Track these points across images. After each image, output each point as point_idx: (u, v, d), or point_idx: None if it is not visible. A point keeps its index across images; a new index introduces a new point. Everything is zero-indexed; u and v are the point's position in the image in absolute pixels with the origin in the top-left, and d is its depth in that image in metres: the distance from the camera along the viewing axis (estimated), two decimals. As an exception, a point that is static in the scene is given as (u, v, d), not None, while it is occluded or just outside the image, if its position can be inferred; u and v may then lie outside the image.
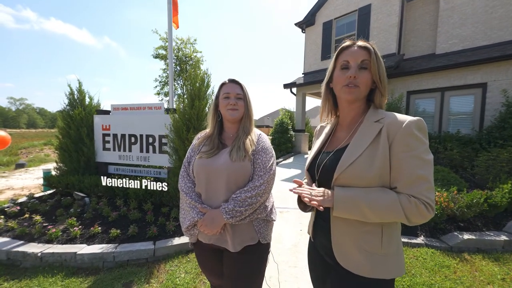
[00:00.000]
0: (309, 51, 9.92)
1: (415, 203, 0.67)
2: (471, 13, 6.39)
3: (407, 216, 0.69)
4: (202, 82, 3.44)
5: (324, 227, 0.88)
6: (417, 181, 0.68)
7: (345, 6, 8.61)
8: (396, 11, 7.43)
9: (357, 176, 0.75)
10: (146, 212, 3.02)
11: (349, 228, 0.80)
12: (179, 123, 3.32)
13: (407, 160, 0.70)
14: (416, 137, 0.70)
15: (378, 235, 0.76)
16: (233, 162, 1.07)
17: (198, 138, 1.26)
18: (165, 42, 13.52)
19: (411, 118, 0.72)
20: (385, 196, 0.70)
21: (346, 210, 0.75)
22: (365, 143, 0.76)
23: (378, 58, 0.80)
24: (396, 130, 0.72)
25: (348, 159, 0.77)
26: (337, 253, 0.82)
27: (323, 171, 0.87)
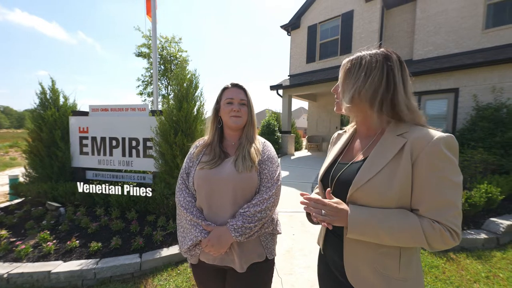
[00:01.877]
0: (295, 54, 10.05)
1: (440, 230, 0.61)
2: (444, 23, 6.84)
3: (429, 243, 0.63)
4: (190, 83, 3.31)
5: (336, 244, 0.83)
6: (443, 205, 0.62)
7: (329, 11, 8.84)
8: (376, 18, 7.76)
9: (375, 194, 0.69)
10: (131, 221, 2.82)
11: (363, 249, 0.74)
12: (166, 126, 3.15)
13: (433, 182, 0.63)
14: (445, 156, 0.63)
15: (396, 258, 0.71)
16: (239, 173, 0.98)
17: (196, 146, 1.15)
18: (148, 40, 13.01)
19: (440, 134, 0.65)
20: (406, 221, 0.64)
21: (361, 233, 0.69)
22: (385, 158, 0.70)
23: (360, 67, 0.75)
24: (422, 147, 0.65)
25: (366, 175, 0.71)
26: (349, 274, 0.77)
27: (337, 184, 0.81)
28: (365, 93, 0.73)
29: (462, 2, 6.53)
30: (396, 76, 0.72)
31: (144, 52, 13.16)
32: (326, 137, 10.30)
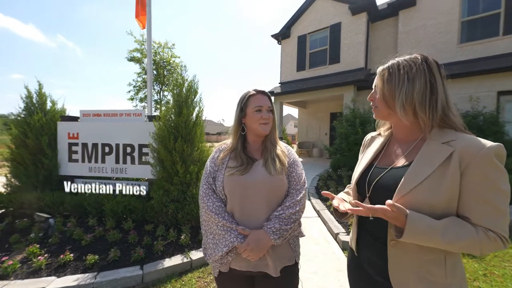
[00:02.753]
0: (285, 62, 10.31)
1: (494, 238, 0.64)
2: (424, 37, 7.37)
3: (482, 250, 0.66)
4: (190, 88, 3.27)
5: (377, 248, 0.83)
6: (496, 215, 0.65)
7: (318, 22, 9.22)
8: (363, 30, 8.20)
9: (422, 201, 0.70)
10: (127, 231, 2.68)
11: (410, 257, 0.74)
12: (164, 132, 3.08)
13: (485, 192, 0.65)
14: (496, 166, 0.65)
15: (442, 264, 0.72)
16: (272, 176, 0.99)
17: (220, 150, 1.13)
18: (141, 45, 12.79)
19: (490, 144, 0.66)
20: (465, 231, 0.66)
21: (417, 239, 0.68)
22: (431, 166, 0.71)
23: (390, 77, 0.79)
24: (472, 157, 0.66)
25: (411, 183, 0.72)
26: (395, 282, 0.77)
27: (376, 189, 0.82)
28: (412, 97, 0.74)
29: (439, 19, 7.09)
30: (437, 79, 0.75)
31: (136, 56, 12.90)
32: (316, 143, 10.51)
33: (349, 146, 5.96)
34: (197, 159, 3.20)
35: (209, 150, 3.39)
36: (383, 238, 0.80)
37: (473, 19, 6.71)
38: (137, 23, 4.48)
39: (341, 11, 8.58)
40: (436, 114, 0.75)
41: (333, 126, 7.97)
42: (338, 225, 3.12)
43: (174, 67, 13.56)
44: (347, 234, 2.91)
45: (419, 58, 0.77)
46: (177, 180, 2.98)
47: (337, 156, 6.23)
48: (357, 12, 8.19)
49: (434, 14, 7.15)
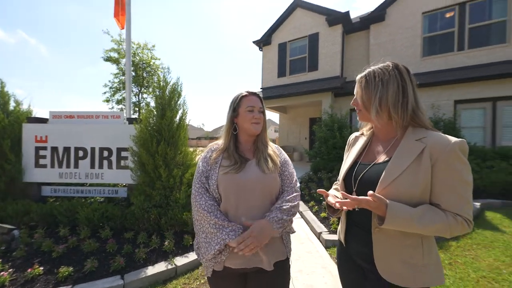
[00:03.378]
0: (266, 68, 10.54)
1: (461, 222, 0.74)
2: (392, 50, 8.06)
3: (451, 233, 0.76)
4: (173, 91, 3.22)
5: (363, 236, 0.91)
6: (462, 201, 0.75)
7: (298, 31, 9.62)
8: (338, 41, 8.73)
9: (400, 191, 0.79)
10: (105, 240, 2.51)
11: (392, 242, 0.83)
12: (146, 135, 2.97)
13: (452, 182, 0.75)
14: (461, 159, 0.75)
15: (419, 248, 0.82)
16: (266, 175, 1.03)
17: (212, 150, 1.14)
18: (119, 44, 12.20)
19: (455, 140, 0.76)
20: (438, 217, 0.75)
21: (396, 225, 0.77)
22: (407, 160, 0.80)
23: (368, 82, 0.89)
24: (441, 152, 0.76)
25: (391, 176, 0.81)
26: (379, 266, 0.85)
27: (361, 183, 0.91)
28: (386, 100, 0.85)
29: (405, 34, 7.82)
30: (407, 83, 0.85)
31: (113, 57, 12.25)
32: (296, 147, 10.81)
33: (328, 149, 6.23)
34: (181, 163, 3.13)
35: (192, 154, 3.34)
36: (368, 228, 0.88)
37: (433, 36, 7.52)
38: (116, 22, 4.31)
39: (318, 22, 9.06)
40: (407, 114, 0.85)
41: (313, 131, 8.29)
42: (321, 225, 3.25)
43: (154, 69, 13.14)
44: (329, 233, 3.03)
45: (390, 65, 0.89)
46: (159, 185, 2.88)
47: (317, 159, 6.47)
48: (333, 24, 8.71)
49: (400, 29, 7.88)
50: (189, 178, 3.05)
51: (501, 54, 6.48)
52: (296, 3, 9.58)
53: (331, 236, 2.93)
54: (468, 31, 6.97)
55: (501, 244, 2.78)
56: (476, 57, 6.82)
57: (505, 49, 6.45)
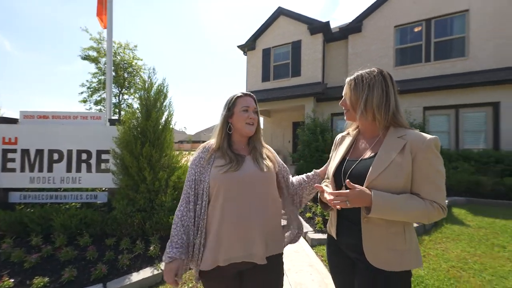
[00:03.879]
0: (251, 72, 10.68)
1: (437, 208, 0.84)
2: (368, 59, 8.59)
3: (429, 218, 0.86)
4: (159, 92, 3.16)
5: (352, 229, 0.98)
6: (437, 190, 0.85)
7: (281, 37, 9.91)
8: (319, 49, 9.14)
9: (386, 183, 0.88)
10: (85, 248, 2.37)
11: (378, 231, 0.91)
12: (130, 137, 2.88)
13: (429, 174, 0.85)
14: (435, 153, 0.86)
15: (402, 234, 0.91)
16: (264, 173, 1.06)
17: (205, 150, 1.12)
18: (98, 43, 11.61)
19: (430, 137, 0.87)
20: (417, 203, 0.84)
21: (382, 213, 0.85)
22: (391, 155, 0.90)
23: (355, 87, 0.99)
24: (419, 147, 0.86)
25: (378, 169, 0.90)
26: (368, 254, 0.92)
27: (351, 178, 0.97)
28: (371, 101, 0.95)
29: (379, 45, 8.41)
30: (390, 88, 0.96)
31: (91, 55, 11.59)
32: (280, 150, 10.98)
33: (311, 152, 6.44)
34: (166, 165, 3.07)
35: (178, 156, 3.29)
36: (357, 220, 0.96)
37: (404, 48, 8.17)
38: (98, 21, 4.14)
39: (301, 30, 9.42)
40: (388, 115, 0.96)
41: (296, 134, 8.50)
42: (306, 225, 3.34)
43: (136, 69, 12.65)
44: (315, 232, 3.13)
45: (376, 71, 1.00)
46: (144, 188, 2.79)
47: (301, 162, 6.65)
48: (315, 33, 9.11)
49: (375, 40, 8.46)
50: (175, 180, 2.99)
51: (462, 66, 7.22)
52: (280, 11, 9.89)
53: (316, 235, 3.03)
54: (433, 45, 7.69)
55: (467, 236, 3.07)
56: (441, 68, 7.52)
57: (465, 62, 7.20)
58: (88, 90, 12.08)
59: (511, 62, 6.53)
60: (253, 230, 1.01)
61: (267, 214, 1.06)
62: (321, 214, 3.43)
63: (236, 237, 0.99)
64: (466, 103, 6.73)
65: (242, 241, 0.99)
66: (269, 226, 1.07)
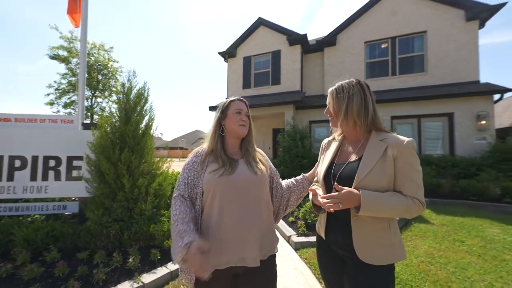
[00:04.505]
0: (232, 79, 10.75)
1: (418, 204, 0.93)
2: (342, 70, 9.19)
3: (411, 213, 0.96)
4: (139, 95, 3.05)
5: (342, 227, 1.04)
6: (417, 187, 0.95)
7: (262, 47, 10.19)
8: (298, 59, 9.56)
9: (372, 183, 0.97)
10: (53, 263, 2.15)
11: (366, 228, 0.99)
12: (107, 142, 2.72)
13: (410, 173, 0.95)
14: (413, 154, 0.96)
15: (388, 229, 1.00)
16: (257, 176, 1.09)
17: (198, 155, 1.13)
18: (70, 42, 10.76)
19: (407, 139, 0.97)
20: (401, 200, 0.93)
21: (370, 210, 0.93)
22: (375, 157, 0.99)
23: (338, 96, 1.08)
24: (399, 149, 0.96)
25: (365, 170, 0.98)
26: (358, 250, 0.99)
27: (339, 180, 1.05)
28: (351, 109, 1.05)
29: (352, 58, 9.06)
30: (367, 96, 1.07)
31: (61, 55, 10.68)
32: (260, 157, 11.10)
33: (291, 158, 6.63)
34: (147, 172, 2.94)
35: (159, 163, 3.17)
36: (347, 219, 1.03)
37: (373, 62, 8.92)
38: (69, 20, 3.90)
39: (280, 40, 9.80)
40: (367, 121, 1.06)
41: (276, 141, 8.68)
42: (289, 229, 3.40)
43: (111, 71, 11.93)
44: (298, 236, 3.20)
45: (354, 81, 1.11)
46: (122, 196, 2.63)
47: (281, 167, 6.79)
48: (293, 44, 9.54)
49: (348, 54, 9.11)
50: (156, 188, 2.88)
51: (422, 81, 8.07)
52: (260, 21, 10.20)
53: (299, 238, 3.10)
54: (398, 60, 8.50)
55: (432, 233, 3.38)
56: (405, 82, 8.32)
57: (424, 77, 8.07)
58: (56, 91, 11.09)
59: (462, 78, 7.47)
60: (249, 233, 1.02)
61: (261, 217, 1.08)
62: (303, 218, 3.53)
63: (234, 240, 1.00)
64: (426, 114, 7.50)
65: (239, 244, 1.01)
66: (263, 229, 1.09)
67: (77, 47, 11.02)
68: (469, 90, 6.84)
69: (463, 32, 7.50)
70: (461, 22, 7.53)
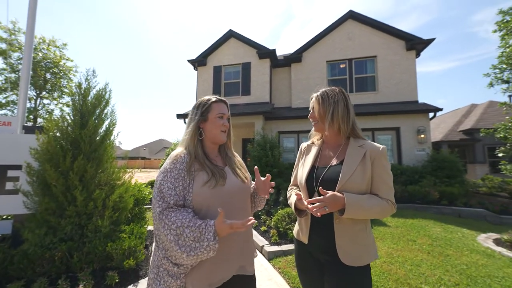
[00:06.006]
0: (201, 88, 10.55)
1: (391, 205, 1.01)
2: (307, 85, 9.85)
3: (386, 214, 1.02)
4: (99, 97, 2.75)
5: (325, 231, 1.07)
6: (390, 189, 1.03)
7: (232, 57, 10.33)
8: (267, 72, 9.94)
9: (354, 185, 1.02)
10: (-30, 301, 1.69)
11: (347, 229, 1.03)
12: (56, 148, 2.36)
13: (385, 176, 1.03)
14: (386, 159, 1.06)
15: (365, 231, 1.06)
16: (245, 184, 1.06)
17: (182, 161, 0.97)
18: (11, 34, 9.08)
19: (382, 146, 1.08)
20: (378, 202, 1.00)
21: (353, 212, 0.97)
22: (355, 162, 1.06)
23: (323, 102, 1.15)
24: (375, 155, 1.05)
25: (347, 173, 1.03)
26: (340, 251, 1.02)
27: (322, 183, 1.08)
28: (337, 114, 1.11)
29: (316, 75, 9.79)
30: (349, 104, 1.15)
31: None
32: (229, 167, 10.92)
33: (261, 167, 6.67)
34: (104, 182, 2.61)
35: (119, 172, 2.85)
36: (329, 222, 1.06)
37: (334, 79, 9.78)
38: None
39: (250, 53, 10.09)
40: (349, 126, 1.14)
41: (246, 150, 8.68)
42: (262, 238, 3.36)
43: (63, 70, 10.47)
44: (270, 245, 3.17)
45: (336, 89, 1.19)
46: (72, 211, 2.27)
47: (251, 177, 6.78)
48: (263, 58, 9.91)
49: (313, 71, 9.84)
50: (116, 200, 2.56)
51: (374, 98, 9.13)
52: (231, 33, 10.39)
53: (272, 247, 3.07)
54: (354, 79, 9.50)
55: (389, 235, 3.71)
56: (361, 99, 9.29)
57: (376, 95, 9.15)
58: (-12, 89, 9.22)
59: (406, 98, 8.69)
60: (241, 243, 1.00)
61: (247, 231, 1.06)
62: (275, 226, 3.52)
63: (226, 257, 0.94)
64: (379, 127, 8.45)
65: (234, 256, 0.97)
66: (248, 236, 1.07)
67: (20, 40, 9.54)
68: (411, 108, 7.98)
69: (404, 59, 8.82)
70: (403, 50, 8.86)
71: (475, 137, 11.35)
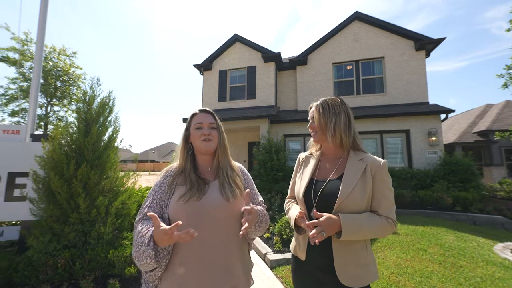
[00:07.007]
0: (207, 92, 10.66)
1: (391, 223, 0.95)
2: (313, 88, 9.76)
3: (386, 233, 0.96)
4: (103, 105, 2.80)
5: (324, 249, 1.00)
6: (391, 206, 0.97)
7: (238, 61, 10.39)
8: (272, 75, 9.92)
9: (354, 201, 0.96)
10: (-25, 308, 1.73)
11: (347, 249, 0.97)
12: (61, 156, 2.40)
13: (386, 192, 0.97)
14: (387, 173, 1.00)
15: (365, 250, 1.00)
16: (229, 203, 0.97)
17: (167, 175, 1.02)
18: (23, 44, 9.72)
19: (383, 160, 1.01)
20: (377, 221, 0.94)
21: (352, 235, 0.91)
22: (356, 176, 0.99)
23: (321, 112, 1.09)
24: (376, 169, 0.99)
25: (347, 189, 0.97)
26: (339, 271, 0.96)
27: (321, 197, 1.03)
28: (339, 125, 1.06)
29: (321, 77, 9.70)
30: (350, 115, 1.10)
31: (11, 58, 9.48)
32: (235, 170, 10.92)
33: (266, 171, 6.62)
34: (108, 189, 2.64)
35: (123, 179, 2.88)
36: (328, 241, 0.99)
37: (340, 81, 9.65)
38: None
39: (255, 57, 10.12)
40: (351, 138, 1.09)
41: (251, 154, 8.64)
42: (265, 246, 3.30)
43: (73, 78, 10.88)
44: (273, 253, 3.11)
45: (338, 100, 1.13)
46: (75, 218, 2.30)
47: (257, 181, 6.73)
48: (268, 61, 9.91)
49: (318, 73, 9.74)
50: (119, 207, 2.58)
51: (382, 100, 8.92)
52: (236, 38, 10.47)
53: (275, 255, 3.01)
54: (362, 81, 9.33)
55: (399, 244, 3.56)
56: (368, 101, 9.11)
57: (384, 97, 8.94)
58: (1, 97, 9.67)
59: (416, 99, 8.44)
60: (222, 265, 0.92)
61: (229, 250, 0.95)
62: (279, 233, 3.46)
63: (206, 278, 0.90)
64: (387, 130, 8.23)
65: (217, 280, 0.91)
66: (232, 256, 0.96)
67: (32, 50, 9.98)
68: (421, 110, 7.73)
69: (413, 60, 8.59)
70: (411, 51, 8.64)
71: (491, 138, 10.86)
